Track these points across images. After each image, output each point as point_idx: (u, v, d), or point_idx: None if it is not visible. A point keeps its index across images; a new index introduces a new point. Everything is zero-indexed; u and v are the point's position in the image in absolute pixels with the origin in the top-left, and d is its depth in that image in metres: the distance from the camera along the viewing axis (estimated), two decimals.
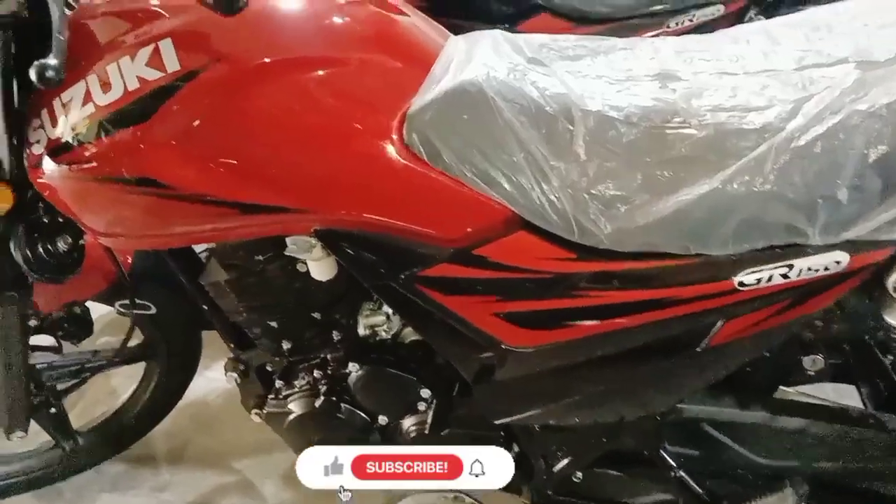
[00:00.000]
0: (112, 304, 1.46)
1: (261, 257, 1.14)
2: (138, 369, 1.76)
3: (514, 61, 1.00)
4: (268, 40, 0.94)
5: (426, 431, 1.17)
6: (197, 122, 0.92)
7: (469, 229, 0.96)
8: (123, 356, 1.68)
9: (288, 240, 1.04)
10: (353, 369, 1.19)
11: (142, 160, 0.94)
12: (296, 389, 1.25)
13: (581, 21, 1.74)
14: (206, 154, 0.93)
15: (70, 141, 0.96)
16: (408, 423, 1.21)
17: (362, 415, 1.22)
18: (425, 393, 1.17)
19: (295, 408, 1.24)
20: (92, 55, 0.96)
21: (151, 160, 0.93)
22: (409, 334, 1.20)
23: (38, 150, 1.00)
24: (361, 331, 1.20)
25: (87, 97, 0.94)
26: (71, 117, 0.96)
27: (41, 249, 1.14)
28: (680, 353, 0.99)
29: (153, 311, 1.44)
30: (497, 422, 1.13)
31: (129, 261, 1.43)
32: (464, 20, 1.52)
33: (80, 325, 1.53)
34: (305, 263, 1.12)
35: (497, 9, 1.69)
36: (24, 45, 1.02)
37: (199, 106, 0.92)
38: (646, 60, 1.03)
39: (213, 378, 1.93)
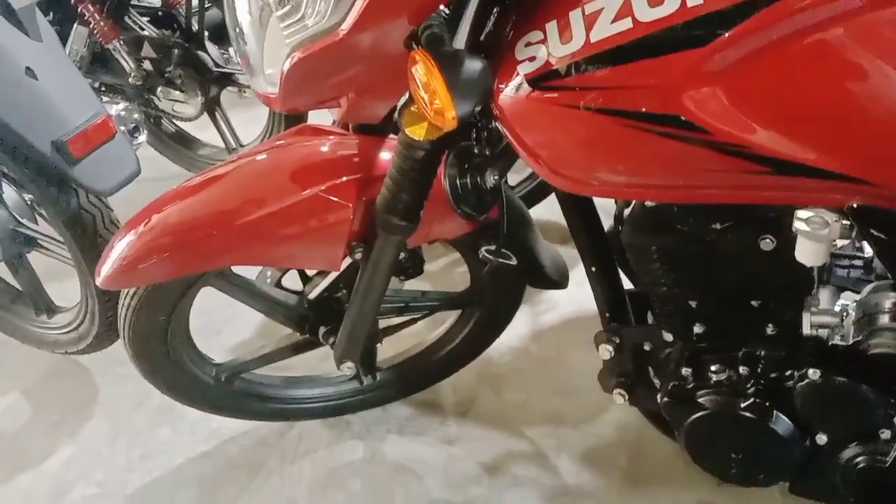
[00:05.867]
0: (475, 248, 1.35)
1: (718, 225, 0.97)
2: None
3: None
4: None
5: (885, 465, 0.97)
6: (762, 57, 0.74)
7: None
8: (449, 302, 1.59)
9: (801, 213, 0.85)
10: (800, 374, 1.00)
11: (681, 94, 0.77)
12: (711, 382, 1.07)
13: None
14: (765, 96, 0.76)
15: (582, 61, 0.81)
16: (856, 449, 1.01)
17: (794, 428, 1.03)
18: None
19: (709, 404, 1.07)
20: None
21: (694, 96, 0.77)
22: (877, 345, 0.99)
23: (524, 68, 0.86)
24: (806, 330, 1.01)
25: (626, 10, 0.78)
26: (594, 33, 0.80)
27: (469, 180, 1.03)
28: None
29: (514, 262, 1.31)
30: None
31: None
32: None
33: (413, 262, 1.44)
34: (775, 241, 0.94)
35: None
36: None
37: (769, 38, 0.73)
38: None
39: None
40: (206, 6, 2.39)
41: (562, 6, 0.83)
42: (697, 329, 1.08)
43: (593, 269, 1.20)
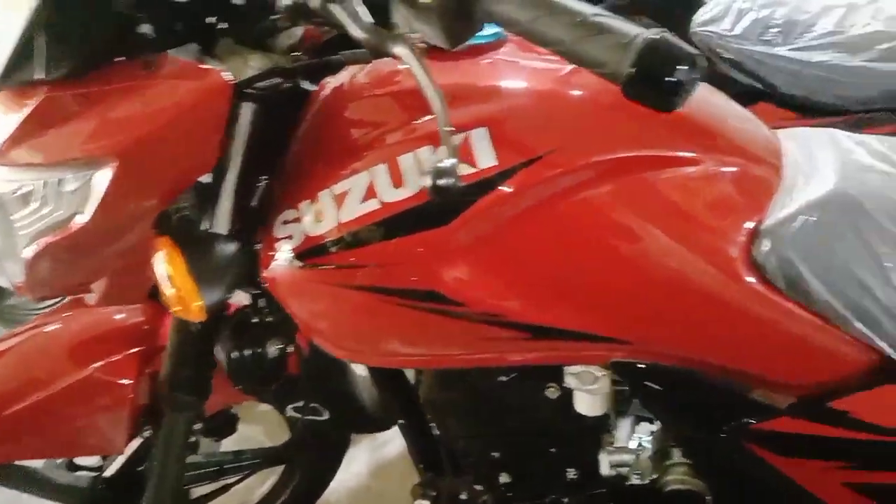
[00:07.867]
0: (282, 407, 1.28)
1: (504, 378, 0.95)
2: None
3: (881, 168, 0.82)
4: (604, 133, 0.77)
5: None
6: (508, 229, 0.75)
7: (824, 376, 0.77)
8: (269, 458, 1.49)
9: (570, 369, 0.85)
10: None
11: (434, 270, 0.76)
12: None
13: (807, 112, 1.57)
14: (510, 267, 0.76)
15: (336, 241, 0.79)
16: None
17: None
18: None
19: None
20: (379, 140, 0.79)
21: (446, 271, 0.76)
22: (673, 482, 0.99)
23: (285, 245, 0.83)
24: (605, 471, 1.00)
25: (371, 192, 0.77)
26: (344, 213, 0.79)
27: (248, 354, 0.97)
28: None
29: (325, 417, 1.25)
30: None
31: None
32: None
33: (225, 420, 1.35)
34: (559, 390, 0.93)
35: None
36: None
37: (513, 209, 0.75)
38: None
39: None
40: None
41: (314, 186, 0.82)
42: (504, 478, 1.05)
43: (402, 421, 1.16)
